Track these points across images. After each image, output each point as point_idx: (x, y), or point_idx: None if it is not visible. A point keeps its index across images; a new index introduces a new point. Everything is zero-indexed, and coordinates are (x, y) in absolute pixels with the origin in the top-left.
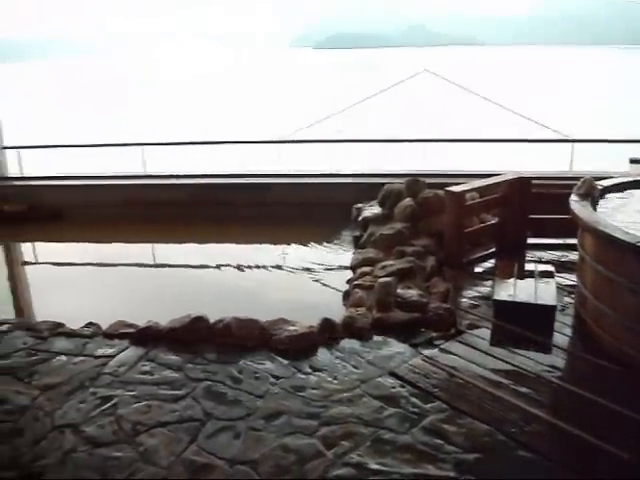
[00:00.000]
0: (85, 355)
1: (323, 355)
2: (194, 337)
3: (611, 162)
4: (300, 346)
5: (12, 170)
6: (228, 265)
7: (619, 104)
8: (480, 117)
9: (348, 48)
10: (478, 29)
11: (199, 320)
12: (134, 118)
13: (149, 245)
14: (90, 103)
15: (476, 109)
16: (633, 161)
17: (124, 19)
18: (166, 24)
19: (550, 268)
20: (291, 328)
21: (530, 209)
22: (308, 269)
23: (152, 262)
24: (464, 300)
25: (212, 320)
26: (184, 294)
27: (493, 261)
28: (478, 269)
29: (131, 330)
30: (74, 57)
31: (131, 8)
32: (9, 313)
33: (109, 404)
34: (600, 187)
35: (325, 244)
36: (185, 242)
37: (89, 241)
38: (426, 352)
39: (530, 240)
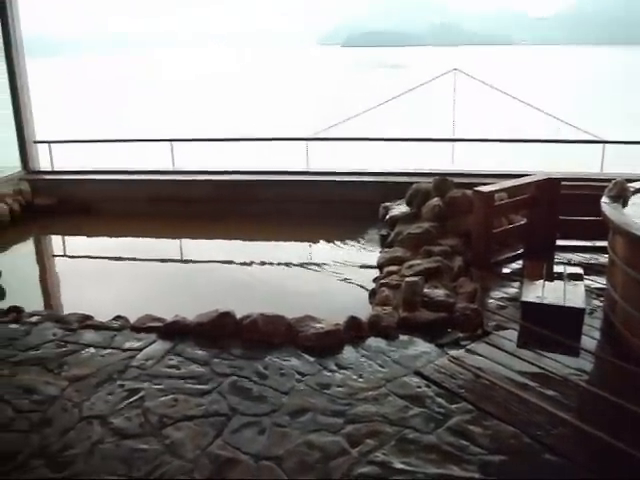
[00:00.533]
0: (113, 348)
1: (349, 353)
2: (221, 332)
3: None
4: (326, 343)
5: (43, 164)
6: (253, 262)
7: None
8: (510, 117)
9: (378, 46)
10: (512, 28)
11: (226, 315)
12: (162, 116)
13: (176, 240)
14: (103, 101)
15: (506, 109)
16: None
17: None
18: (180, 23)
19: (579, 270)
20: (317, 325)
21: (559, 210)
22: (335, 267)
23: (179, 257)
24: (491, 301)
25: (239, 316)
26: (211, 289)
27: (521, 262)
28: (506, 270)
29: (158, 324)
30: (81, 55)
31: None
32: (39, 305)
33: (136, 397)
34: (632, 189)
35: (352, 242)
36: (212, 238)
37: (117, 235)
38: (452, 352)
39: (559, 242)
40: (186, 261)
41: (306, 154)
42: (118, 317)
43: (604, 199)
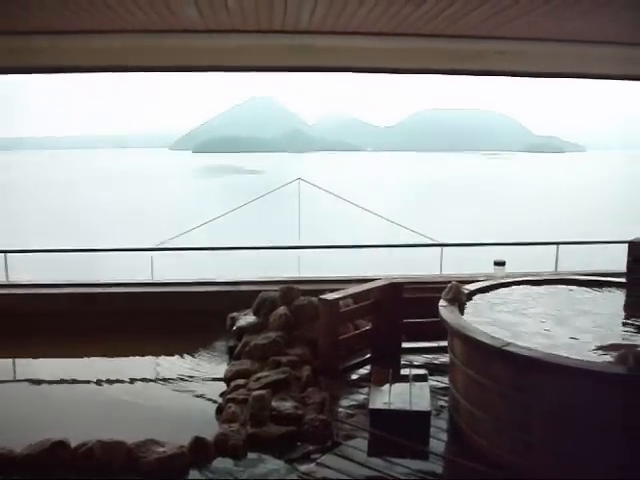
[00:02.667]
0: None
1: (194, 477)
2: (53, 464)
3: (479, 264)
4: (170, 468)
5: None
6: (91, 381)
7: (487, 207)
8: (355, 222)
9: (229, 152)
10: (360, 135)
11: (59, 445)
12: None
13: (7, 360)
14: None
15: (349, 215)
16: (497, 263)
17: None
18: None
19: (424, 372)
20: (160, 449)
21: (403, 314)
22: (182, 382)
23: (11, 377)
24: (341, 410)
25: (75, 443)
26: (45, 414)
27: (369, 367)
28: (354, 376)
29: None
30: None
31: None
32: None
33: None
34: (466, 291)
35: (200, 355)
36: (48, 356)
37: None
38: (303, 467)
39: (405, 344)
40: (18, 380)
41: (151, 265)
42: None
43: (441, 302)
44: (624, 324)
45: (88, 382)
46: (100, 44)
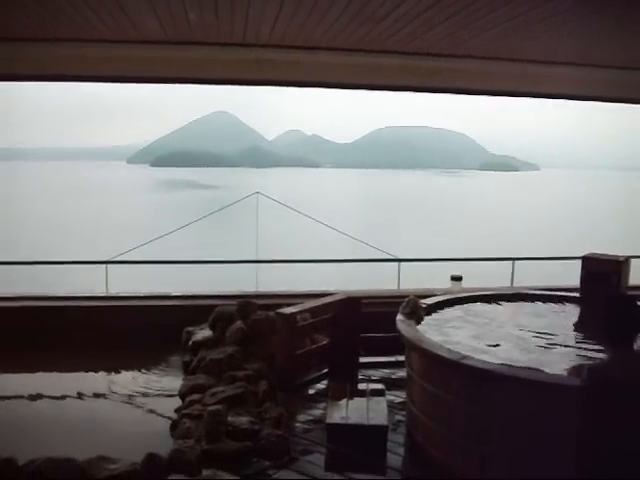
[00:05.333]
0: None
1: None
2: None
3: (436, 279)
4: None
5: None
6: (42, 395)
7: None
8: (311, 238)
9: (187, 166)
10: (318, 152)
11: (5, 463)
12: None
13: None
14: None
15: (307, 230)
16: (454, 278)
17: None
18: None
19: (381, 386)
20: (112, 467)
21: (361, 328)
22: (136, 398)
23: None
24: (298, 425)
25: (22, 460)
26: None
27: (326, 382)
28: (311, 391)
29: None
30: None
31: None
32: None
33: None
34: (424, 305)
35: (155, 370)
36: None
37: None
38: None
39: (362, 359)
40: None
41: (105, 278)
42: None
43: (399, 316)
44: (577, 338)
45: (37, 398)
46: (57, 53)
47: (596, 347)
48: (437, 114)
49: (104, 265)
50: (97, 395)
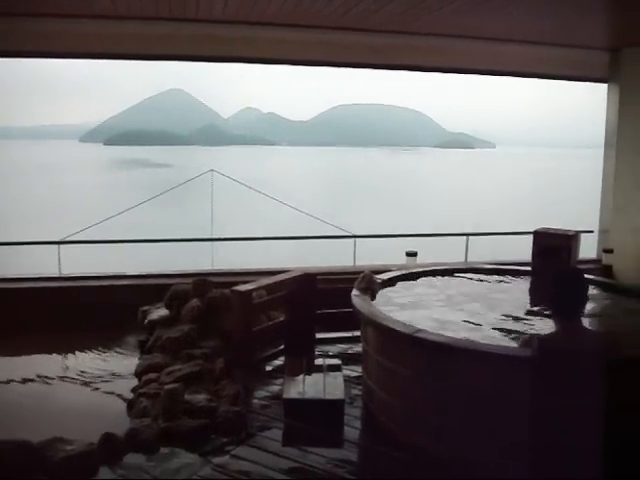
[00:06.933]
0: None
1: (105, 475)
2: None
3: (391, 255)
4: (78, 467)
5: None
6: None
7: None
8: (266, 216)
9: (142, 145)
10: (275, 130)
11: None
12: None
13: None
14: None
15: (262, 207)
16: (409, 254)
17: None
18: None
19: (337, 361)
20: (68, 448)
21: (317, 304)
22: (91, 378)
23: None
24: (255, 401)
25: None
26: None
27: (283, 358)
28: (268, 368)
29: None
30: None
31: None
32: None
33: None
34: (379, 280)
35: (110, 350)
36: None
37: None
38: (217, 460)
39: (319, 335)
40: None
41: (58, 259)
42: None
43: (354, 292)
44: (527, 311)
45: None
46: (9, 28)
47: (545, 320)
48: (394, 92)
49: (56, 245)
50: (52, 377)
